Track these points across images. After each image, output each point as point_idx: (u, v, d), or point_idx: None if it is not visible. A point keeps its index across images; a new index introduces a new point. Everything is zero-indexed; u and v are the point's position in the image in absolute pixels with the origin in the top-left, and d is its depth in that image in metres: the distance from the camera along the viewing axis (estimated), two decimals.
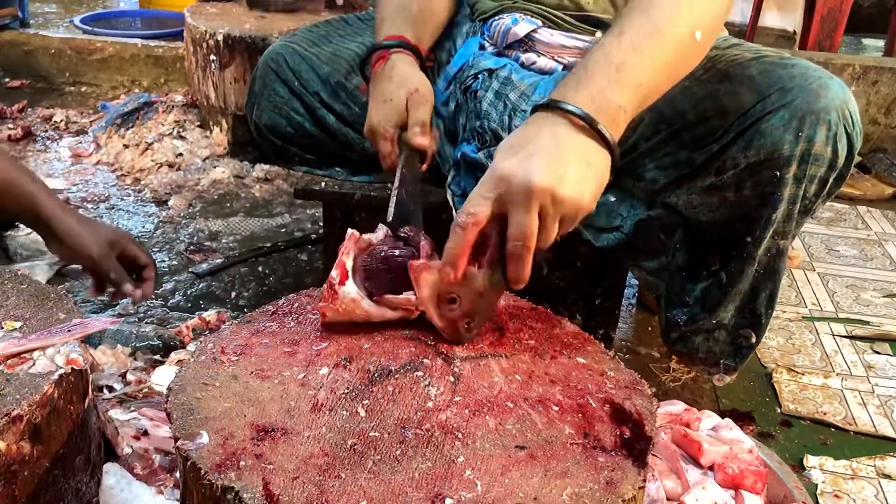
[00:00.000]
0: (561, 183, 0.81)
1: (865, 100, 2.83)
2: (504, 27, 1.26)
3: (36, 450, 0.83)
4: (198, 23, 2.46)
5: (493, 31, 1.28)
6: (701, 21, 0.95)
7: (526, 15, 1.25)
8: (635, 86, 0.90)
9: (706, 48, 1.01)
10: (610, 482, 0.71)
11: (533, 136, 0.85)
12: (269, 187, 2.37)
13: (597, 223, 1.27)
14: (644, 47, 0.91)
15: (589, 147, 0.86)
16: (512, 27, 1.25)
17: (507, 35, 1.26)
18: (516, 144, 0.85)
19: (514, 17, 1.25)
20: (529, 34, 1.24)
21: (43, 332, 0.92)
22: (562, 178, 0.82)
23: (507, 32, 1.25)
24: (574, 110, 0.85)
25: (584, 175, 0.84)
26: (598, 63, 0.89)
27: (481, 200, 0.83)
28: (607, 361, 0.90)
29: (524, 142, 0.85)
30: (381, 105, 1.16)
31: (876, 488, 1.29)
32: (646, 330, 1.74)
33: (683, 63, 0.97)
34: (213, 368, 0.83)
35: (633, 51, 0.90)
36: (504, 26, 1.26)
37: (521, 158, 0.83)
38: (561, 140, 0.84)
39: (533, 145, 0.84)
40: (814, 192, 1.07)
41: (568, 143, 0.85)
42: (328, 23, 1.49)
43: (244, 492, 0.67)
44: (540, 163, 0.82)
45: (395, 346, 0.89)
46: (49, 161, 2.50)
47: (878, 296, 1.94)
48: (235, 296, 1.76)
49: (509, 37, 1.26)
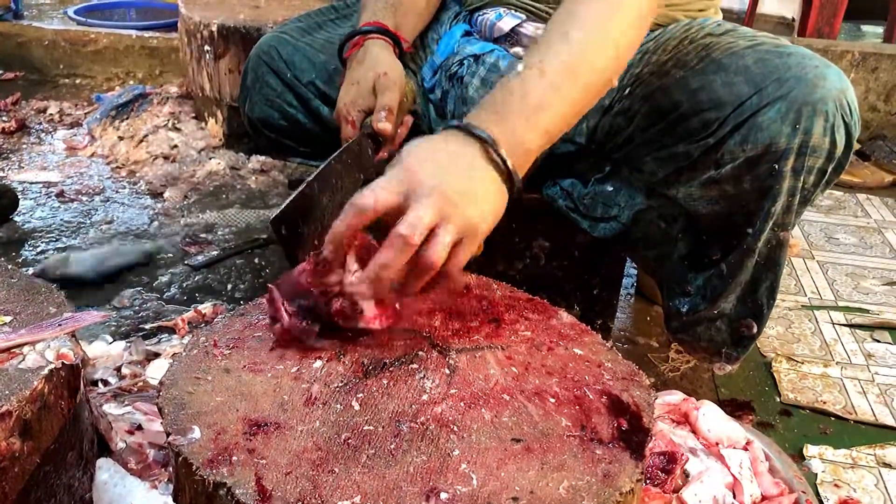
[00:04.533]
0: (469, 202, 0.81)
1: (865, 87, 2.82)
2: (489, 22, 1.26)
3: (26, 446, 0.82)
4: (192, 13, 2.44)
5: (480, 24, 1.27)
6: (620, 65, 0.97)
7: (510, 9, 1.25)
8: (546, 129, 0.90)
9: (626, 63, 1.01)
10: (607, 475, 0.70)
11: (446, 149, 0.84)
12: (265, 178, 2.36)
13: (594, 213, 1.26)
14: (563, 88, 0.90)
15: (495, 179, 0.85)
16: (497, 22, 1.25)
17: (493, 29, 1.25)
18: (428, 150, 0.84)
19: (499, 11, 1.25)
20: (515, 28, 1.24)
21: (33, 326, 0.91)
22: (471, 198, 0.81)
23: (493, 27, 1.25)
24: (488, 140, 0.84)
25: (491, 202, 0.84)
26: (516, 100, 0.88)
27: (388, 188, 0.80)
28: (605, 352, 0.89)
29: (437, 152, 0.84)
30: (349, 88, 1.15)
31: (876, 477, 1.29)
32: (644, 320, 1.73)
33: (605, 87, 0.97)
34: (205, 362, 0.82)
35: (553, 91, 0.89)
36: (489, 21, 1.25)
37: (436, 166, 0.82)
38: (475, 166, 0.84)
39: (447, 158, 0.83)
40: (812, 183, 1.06)
41: (481, 170, 0.84)
42: (319, 11, 1.47)
43: (236, 487, 0.66)
44: (455, 177, 0.81)
45: (390, 339, 0.87)
46: (43, 153, 2.48)
47: (877, 284, 1.93)
48: (231, 288, 1.75)
49: (495, 31, 1.26)
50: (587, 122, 1.22)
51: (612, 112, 1.19)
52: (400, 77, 1.16)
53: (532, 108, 0.88)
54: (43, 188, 2.21)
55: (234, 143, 2.49)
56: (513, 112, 0.87)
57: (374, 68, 1.14)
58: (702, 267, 1.17)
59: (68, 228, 1.99)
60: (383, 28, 1.20)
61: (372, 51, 1.17)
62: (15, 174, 2.30)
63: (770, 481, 1.13)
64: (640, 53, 1.18)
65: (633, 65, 1.18)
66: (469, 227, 0.81)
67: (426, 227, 0.78)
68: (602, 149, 1.23)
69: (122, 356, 1.35)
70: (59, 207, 2.10)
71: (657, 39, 1.18)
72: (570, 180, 1.29)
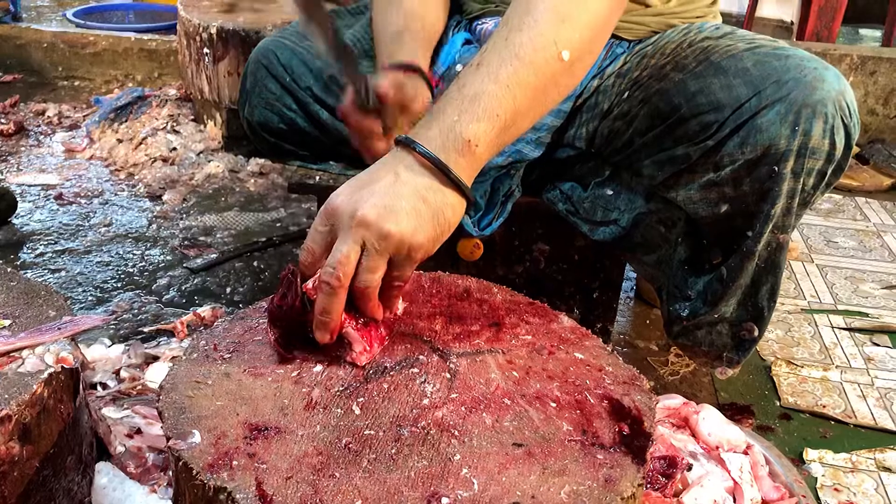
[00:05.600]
0: (387, 217, 0.78)
1: (864, 90, 2.82)
2: (488, 31, 1.25)
3: (25, 450, 0.82)
4: (191, 16, 2.44)
5: (479, 33, 1.27)
6: (567, 40, 0.89)
7: None
8: (491, 116, 0.84)
9: (583, 66, 0.95)
10: (609, 480, 0.70)
11: (375, 172, 0.83)
12: (264, 181, 2.36)
13: (593, 217, 1.26)
14: (501, 75, 0.85)
15: (429, 185, 0.81)
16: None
17: None
18: (359, 179, 0.83)
19: (497, 21, 1.24)
20: None
21: (32, 330, 0.91)
22: (389, 212, 0.78)
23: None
24: (418, 148, 0.82)
25: (418, 211, 0.80)
26: (450, 97, 0.85)
27: (316, 235, 0.81)
28: (605, 356, 0.89)
29: (366, 178, 0.82)
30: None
31: (876, 481, 1.28)
32: (644, 323, 1.73)
33: (553, 85, 0.91)
34: (205, 366, 0.82)
35: (490, 80, 0.85)
36: (488, 31, 1.25)
37: (352, 190, 0.81)
38: (400, 176, 0.81)
39: (370, 180, 0.82)
40: (812, 185, 1.06)
41: (407, 178, 0.81)
42: None
43: (237, 492, 0.66)
44: (369, 196, 0.79)
45: (391, 343, 0.87)
46: (42, 156, 2.48)
47: (876, 287, 1.94)
48: (230, 291, 1.75)
49: None
50: (586, 127, 1.22)
51: (612, 116, 1.19)
52: (424, 91, 1.14)
53: (469, 98, 0.84)
54: (41, 191, 2.21)
55: (232, 146, 2.49)
56: (448, 107, 0.84)
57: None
58: (702, 271, 1.17)
59: (67, 231, 1.99)
60: (417, 67, 1.16)
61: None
62: (13, 177, 2.30)
63: (770, 485, 1.13)
64: (638, 57, 1.19)
65: (631, 69, 1.18)
66: (392, 244, 0.79)
67: (349, 262, 0.78)
68: (601, 152, 1.23)
69: (121, 359, 1.34)
70: (57, 210, 2.10)
71: (655, 43, 1.18)
72: (569, 184, 1.29)
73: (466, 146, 0.83)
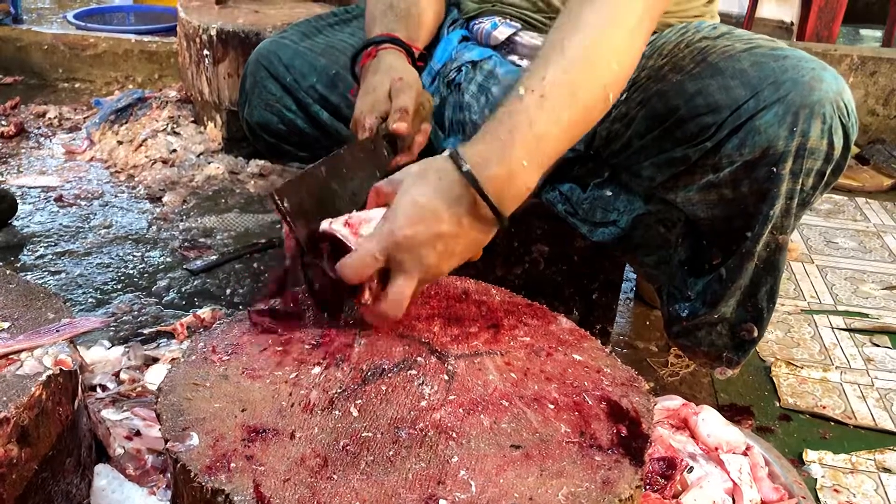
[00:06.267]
0: (445, 266, 0.86)
1: (864, 91, 2.82)
2: (485, 31, 1.26)
3: (24, 452, 0.82)
4: (191, 18, 2.44)
5: (476, 33, 1.28)
6: (614, 83, 0.93)
7: (505, 18, 1.25)
8: (550, 162, 0.88)
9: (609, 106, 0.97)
10: (606, 481, 0.70)
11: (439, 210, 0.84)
12: (264, 183, 2.36)
13: (593, 218, 1.26)
14: (563, 118, 0.88)
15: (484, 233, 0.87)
16: (492, 31, 1.25)
17: (489, 38, 1.26)
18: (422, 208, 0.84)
19: (494, 21, 1.25)
20: (510, 37, 1.24)
21: (31, 332, 0.91)
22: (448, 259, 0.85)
23: (489, 36, 1.26)
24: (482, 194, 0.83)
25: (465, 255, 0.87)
26: (518, 128, 0.86)
27: (368, 259, 0.84)
28: (604, 358, 0.89)
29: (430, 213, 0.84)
30: (365, 97, 1.14)
31: (876, 482, 1.28)
32: (644, 324, 1.73)
33: (591, 123, 0.95)
34: (203, 368, 0.82)
35: (553, 122, 0.87)
36: (485, 30, 1.26)
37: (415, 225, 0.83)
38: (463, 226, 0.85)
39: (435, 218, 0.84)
40: (811, 186, 1.06)
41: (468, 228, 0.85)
42: (319, 17, 1.47)
43: (235, 494, 0.66)
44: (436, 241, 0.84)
45: (389, 345, 0.87)
46: (42, 158, 2.48)
47: (876, 288, 1.93)
48: (230, 293, 1.75)
49: (491, 40, 1.26)
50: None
51: (610, 118, 1.19)
52: (416, 81, 1.15)
53: (535, 138, 0.86)
54: (42, 192, 2.21)
55: (233, 148, 2.49)
56: (517, 142, 0.85)
57: (388, 74, 1.14)
58: (701, 271, 1.17)
59: (67, 233, 1.99)
60: (396, 39, 1.19)
61: (386, 59, 1.17)
62: (14, 178, 2.30)
63: (770, 486, 1.12)
64: None
65: None
66: (430, 275, 0.86)
67: (406, 301, 0.86)
68: (600, 154, 1.23)
69: (120, 361, 1.34)
70: (57, 212, 2.10)
71: (653, 44, 1.18)
72: (568, 185, 1.29)
73: (525, 192, 0.87)
